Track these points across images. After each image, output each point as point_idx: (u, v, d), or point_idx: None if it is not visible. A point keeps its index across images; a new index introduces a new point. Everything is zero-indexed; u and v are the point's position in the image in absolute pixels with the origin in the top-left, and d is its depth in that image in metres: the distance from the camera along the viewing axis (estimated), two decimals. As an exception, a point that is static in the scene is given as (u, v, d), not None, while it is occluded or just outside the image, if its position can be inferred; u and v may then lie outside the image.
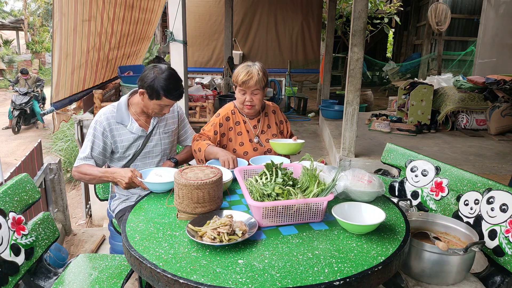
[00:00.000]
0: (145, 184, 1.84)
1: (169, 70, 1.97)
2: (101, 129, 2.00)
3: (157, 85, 1.91)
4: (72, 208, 4.45)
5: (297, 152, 2.24)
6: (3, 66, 17.01)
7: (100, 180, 1.98)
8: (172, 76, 1.94)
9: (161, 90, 1.91)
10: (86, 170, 1.97)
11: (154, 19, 5.90)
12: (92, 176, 1.96)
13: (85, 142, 2.02)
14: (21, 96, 9.01)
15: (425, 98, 5.51)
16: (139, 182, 1.86)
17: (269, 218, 1.53)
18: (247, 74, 2.15)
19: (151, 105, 1.98)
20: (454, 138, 5.07)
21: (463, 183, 1.93)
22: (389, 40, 18.66)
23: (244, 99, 2.23)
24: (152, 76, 1.91)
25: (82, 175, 1.98)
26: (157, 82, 1.90)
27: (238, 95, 2.26)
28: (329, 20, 7.78)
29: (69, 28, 3.28)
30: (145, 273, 1.30)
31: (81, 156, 2.00)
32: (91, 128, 2.02)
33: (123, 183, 1.87)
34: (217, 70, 8.60)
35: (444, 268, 1.60)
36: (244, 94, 2.22)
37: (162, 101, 1.95)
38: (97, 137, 2.00)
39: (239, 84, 2.19)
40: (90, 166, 1.98)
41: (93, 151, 2.00)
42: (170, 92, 1.92)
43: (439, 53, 9.44)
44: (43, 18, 22.09)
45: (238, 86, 2.21)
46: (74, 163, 2.01)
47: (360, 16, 3.70)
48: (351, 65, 3.83)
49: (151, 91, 1.93)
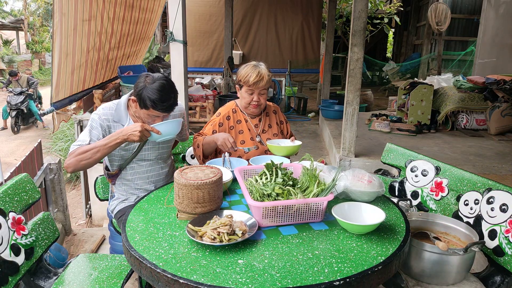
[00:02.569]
0: (157, 127, 1.83)
1: (160, 80, 1.85)
2: (100, 122, 1.96)
3: (145, 95, 1.83)
4: (72, 208, 4.45)
5: (294, 153, 2.26)
6: (3, 66, 17.01)
7: (105, 148, 1.84)
8: (162, 88, 1.83)
9: (148, 100, 1.83)
10: (84, 148, 1.85)
11: (154, 19, 5.90)
12: (95, 148, 1.83)
13: (83, 134, 1.95)
14: (15, 96, 9.03)
15: (425, 98, 5.51)
16: (151, 128, 1.82)
17: (269, 218, 1.53)
18: (258, 75, 2.19)
19: (141, 113, 1.93)
20: (454, 138, 5.07)
21: (463, 183, 1.94)
22: (389, 40, 18.66)
23: (252, 99, 2.26)
24: (142, 85, 1.85)
25: (79, 156, 1.84)
26: (145, 92, 1.83)
27: (245, 95, 2.28)
28: (329, 20, 7.78)
29: (69, 28, 3.29)
30: (145, 273, 1.30)
31: (78, 144, 1.90)
32: (90, 120, 1.97)
33: (136, 134, 1.80)
34: (217, 70, 8.60)
35: (444, 268, 1.60)
36: (252, 94, 2.26)
37: (151, 112, 1.88)
38: (95, 129, 1.94)
39: (249, 84, 2.22)
40: (88, 145, 1.88)
41: (91, 141, 1.92)
42: (156, 104, 1.83)
43: (439, 53, 9.44)
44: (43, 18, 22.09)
45: (247, 86, 2.24)
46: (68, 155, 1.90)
47: (360, 16, 3.70)
48: (351, 65, 3.83)
49: (139, 100, 1.87)
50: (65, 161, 1.89)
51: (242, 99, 2.31)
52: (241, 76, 2.25)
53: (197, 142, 2.27)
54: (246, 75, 2.22)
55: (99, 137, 1.93)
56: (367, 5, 3.72)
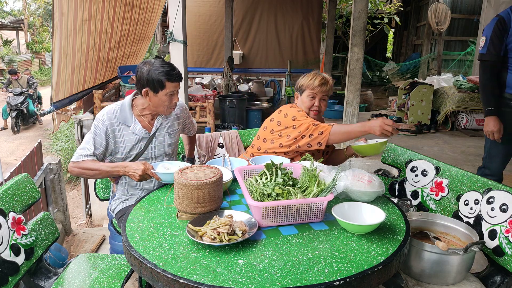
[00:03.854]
0: (158, 175, 1.89)
1: (157, 58, 1.98)
2: (104, 128, 1.98)
3: (155, 75, 1.90)
4: (72, 208, 4.45)
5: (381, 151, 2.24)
6: (3, 66, 17.01)
7: (108, 174, 1.96)
8: (163, 61, 1.95)
9: (161, 76, 1.90)
10: (90, 165, 1.94)
11: (154, 19, 5.90)
12: (99, 171, 1.94)
13: (86, 139, 1.99)
14: (15, 96, 9.04)
15: (425, 98, 5.51)
16: (152, 174, 1.88)
17: (269, 218, 1.53)
18: (323, 79, 2.22)
19: (159, 100, 1.96)
20: (454, 138, 5.07)
21: (463, 183, 1.93)
22: (389, 40, 18.67)
23: (313, 103, 2.24)
24: (146, 71, 1.92)
25: (83, 170, 1.94)
26: (153, 72, 1.90)
27: (306, 100, 2.25)
28: (329, 20, 7.79)
29: (69, 28, 3.28)
30: (145, 273, 1.30)
31: (83, 153, 1.96)
32: (93, 127, 2.00)
33: (136, 176, 1.88)
34: (217, 70, 8.60)
35: (444, 268, 1.60)
36: (314, 99, 2.24)
37: (167, 88, 1.93)
38: (99, 136, 1.98)
39: (313, 87, 2.21)
40: (94, 162, 1.96)
41: (95, 149, 1.98)
42: (169, 74, 1.91)
43: (439, 53, 9.45)
44: (43, 18, 22.09)
45: (310, 89, 2.22)
46: (72, 158, 1.97)
47: (360, 16, 3.70)
48: (351, 65, 3.84)
49: (152, 84, 1.91)
50: (69, 165, 1.97)
51: (303, 104, 2.27)
52: (303, 81, 2.26)
53: (325, 129, 2.10)
54: (309, 79, 2.23)
55: (102, 144, 1.99)
56: (367, 5, 3.72)
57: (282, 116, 2.22)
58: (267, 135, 2.27)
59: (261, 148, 2.30)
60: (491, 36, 2.56)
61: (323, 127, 2.09)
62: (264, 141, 2.29)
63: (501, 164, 2.72)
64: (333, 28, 7.79)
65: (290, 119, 2.17)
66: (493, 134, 2.58)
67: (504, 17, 2.55)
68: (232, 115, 6.03)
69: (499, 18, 2.56)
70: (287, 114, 2.21)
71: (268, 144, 2.26)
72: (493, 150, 2.71)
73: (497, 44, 2.54)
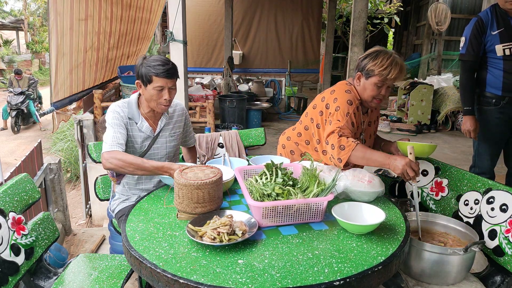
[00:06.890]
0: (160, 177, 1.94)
1: (158, 55, 2.00)
2: (121, 118, 1.99)
3: (145, 68, 1.92)
4: (72, 208, 4.45)
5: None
6: (3, 66, 17.01)
7: (151, 173, 1.87)
8: (158, 57, 1.96)
9: (149, 70, 1.91)
10: (130, 159, 1.83)
11: (154, 19, 5.89)
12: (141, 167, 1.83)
13: (108, 131, 1.94)
14: (15, 96, 9.05)
15: (425, 98, 5.51)
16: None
17: (269, 218, 1.53)
18: (401, 70, 1.91)
19: (149, 93, 1.96)
20: (454, 138, 5.07)
21: (463, 183, 1.93)
22: (389, 40, 18.65)
23: (379, 92, 1.96)
24: (139, 63, 1.95)
25: (122, 163, 1.82)
26: (144, 65, 1.93)
27: (371, 87, 1.94)
28: (329, 20, 7.79)
29: (65, 27, 3.27)
30: (145, 273, 1.30)
31: (116, 141, 1.89)
32: (112, 118, 1.97)
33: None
34: (217, 70, 8.60)
35: (444, 268, 1.60)
36: (381, 87, 1.95)
37: (154, 82, 1.93)
38: (120, 126, 1.96)
39: (385, 77, 1.90)
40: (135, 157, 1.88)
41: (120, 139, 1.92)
42: (156, 68, 1.91)
43: (439, 53, 9.45)
44: (43, 18, 22.07)
45: (380, 79, 1.91)
46: (104, 149, 1.86)
47: (360, 16, 3.71)
48: (351, 65, 3.84)
49: (142, 77, 1.94)
50: (103, 156, 1.86)
51: (365, 91, 1.97)
52: (376, 65, 1.90)
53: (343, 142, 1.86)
54: (383, 68, 1.88)
55: (124, 134, 1.96)
56: (367, 5, 3.72)
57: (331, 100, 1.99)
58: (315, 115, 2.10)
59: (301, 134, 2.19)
60: (470, 37, 2.62)
61: (346, 142, 1.85)
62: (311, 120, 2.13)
63: (490, 161, 2.80)
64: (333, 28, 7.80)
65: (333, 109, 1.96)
66: (470, 132, 2.69)
67: (482, 18, 2.60)
68: (232, 115, 6.03)
69: (478, 19, 2.62)
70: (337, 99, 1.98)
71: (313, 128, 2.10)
72: (481, 148, 2.80)
73: (476, 44, 2.61)
